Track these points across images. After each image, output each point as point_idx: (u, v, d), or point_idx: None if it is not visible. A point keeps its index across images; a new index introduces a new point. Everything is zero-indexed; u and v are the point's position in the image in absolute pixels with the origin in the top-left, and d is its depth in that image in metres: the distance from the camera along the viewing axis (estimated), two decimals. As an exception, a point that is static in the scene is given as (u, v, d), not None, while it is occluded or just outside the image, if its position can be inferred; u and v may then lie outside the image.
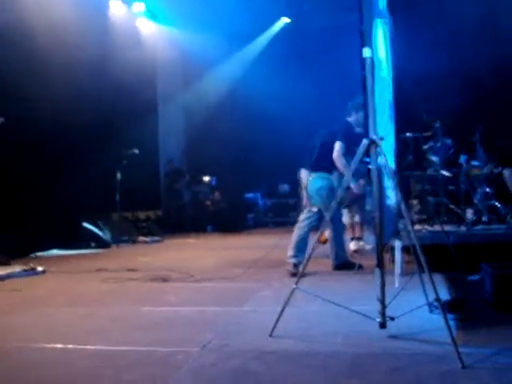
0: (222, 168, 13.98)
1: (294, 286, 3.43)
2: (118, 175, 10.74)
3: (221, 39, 13.20)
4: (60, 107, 8.72)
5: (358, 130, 6.23)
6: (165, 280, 5.72)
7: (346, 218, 7.63)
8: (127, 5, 12.53)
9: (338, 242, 6.12)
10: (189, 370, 2.79)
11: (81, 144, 9.84)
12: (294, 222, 13.25)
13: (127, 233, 10.86)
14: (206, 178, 14.52)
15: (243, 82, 13.64)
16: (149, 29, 13.69)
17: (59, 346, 3.33)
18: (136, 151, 11.11)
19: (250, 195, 14.94)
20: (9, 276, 6.22)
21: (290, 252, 6.02)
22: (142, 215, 12.89)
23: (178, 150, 15.38)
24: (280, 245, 8.63)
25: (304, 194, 6.55)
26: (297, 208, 13.96)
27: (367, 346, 3.11)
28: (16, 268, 6.55)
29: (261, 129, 13.37)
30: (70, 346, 3.31)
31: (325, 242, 6.88)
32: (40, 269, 6.57)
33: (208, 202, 14.10)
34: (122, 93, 10.99)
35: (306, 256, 3.61)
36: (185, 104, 15.27)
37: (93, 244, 9.63)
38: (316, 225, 6.13)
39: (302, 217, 6.25)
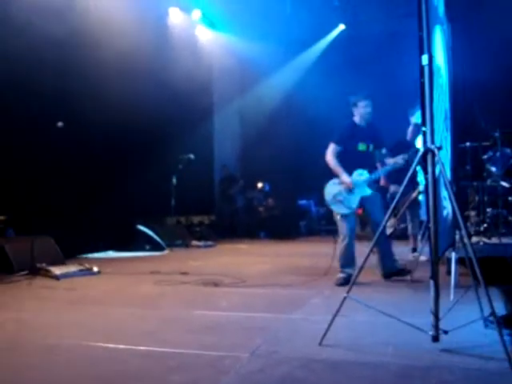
0: (276, 174, 14.01)
1: (346, 295, 3.40)
2: (174, 180, 10.91)
3: (277, 46, 13.27)
4: (118, 113, 8.94)
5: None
6: (217, 284, 5.77)
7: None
8: (186, 12, 12.74)
9: (383, 251, 5.98)
10: (236, 375, 2.81)
11: (138, 148, 10.07)
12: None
13: (181, 237, 11.01)
14: (260, 184, 14.58)
15: (299, 89, 13.65)
16: (206, 36, 13.88)
17: (111, 345, 3.40)
18: (192, 156, 11.26)
19: (303, 202, 14.91)
20: (65, 275, 6.40)
21: (339, 267, 5.95)
22: (195, 220, 13.05)
23: (233, 155, 15.50)
24: (332, 253, 8.56)
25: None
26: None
27: (418, 358, 3.05)
28: (72, 268, 6.73)
29: (316, 136, 13.31)
30: (122, 346, 3.38)
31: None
32: (95, 269, 6.74)
33: (261, 208, 14.15)
34: (179, 99, 11.17)
35: (359, 265, 3.56)
36: (241, 110, 15.40)
37: (147, 247, 9.81)
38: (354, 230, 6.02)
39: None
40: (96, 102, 8.53)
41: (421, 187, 7.97)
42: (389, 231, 7.26)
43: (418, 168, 4.63)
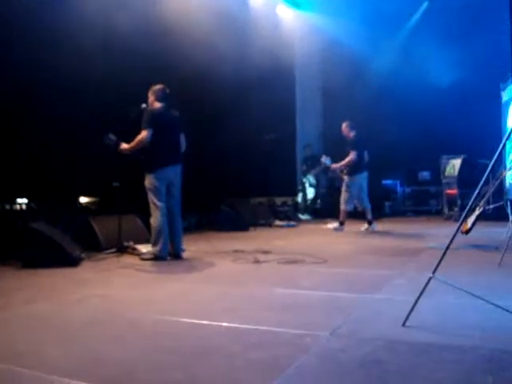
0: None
1: (431, 276, 3.26)
2: (257, 160, 10.95)
3: (359, 24, 12.95)
4: (201, 93, 9.01)
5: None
6: (298, 264, 5.74)
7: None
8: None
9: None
10: (316, 354, 2.76)
11: (221, 130, 10.14)
12: (434, 211, 12.86)
13: (264, 217, 11.07)
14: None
15: (384, 65, 13.30)
16: (288, 15, 13.76)
17: (193, 320, 3.45)
18: (274, 136, 11.26)
19: (388, 182, 14.60)
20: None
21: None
22: (278, 200, 13.08)
23: (316, 135, 15.36)
24: (418, 234, 8.35)
25: None
26: (438, 196, 13.44)
27: (507, 342, 2.88)
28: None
29: (401, 113, 12.97)
30: (204, 321, 3.42)
31: (467, 231, 6.52)
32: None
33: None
34: (261, 78, 11.15)
35: (445, 245, 3.40)
36: (323, 89, 15.22)
37: (231, 226, 9.93)
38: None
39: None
40: (182, 83, 8.63)
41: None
42: (477, 212, 7.00)
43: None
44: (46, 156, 7.33)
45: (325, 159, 10.19)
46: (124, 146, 6.38)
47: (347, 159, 9.74)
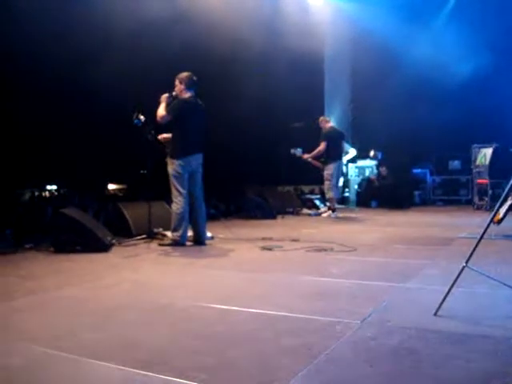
0: (389, 142, 13.63)
1: (464, 265, 3.22)
2: (285, 148, 10.93)
3: (391, 10, 12.77)
4: (229, 81, 8.99)
5: None
6: (327, 252, 5.72)
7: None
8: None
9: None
10: (347, 342, 2.75)
11: (250, 117, 10.12)
12: (464, 201, 12.68)
13: (291, 205, 11.06)
14: (373, 153, 14.27)
15: (414, 54, 13.11)
16: (318, 2, 13.64)
17: (223, 306, 3.46)
18: (301, 124, 11.21)
19: (417, 171, 14.45)
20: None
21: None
22: (306, 189, 13.05)
23: (345, 123, 15.25)
24: (448, 223, 8.25)
25: None
26: (468, 186, 13.26)
27: (544, 334, 2.84)
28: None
29: (431, 102, 12.80)
30: (234, 307, 3.43)
31: (499, 221, 6.43)
32: (209, 234, 6.90)
33: (373, 177, 13.85)
34: (290, 65, 11.09)
35: (476, 235, 3.35)
36: (353, 77, 15.09)
37: (259, 214, 9.95)
38: None
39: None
40: (209, 70, 8.63)
41: None
42: (510, 202, 6.90)
43: None
44: (74, 144, 7.41)
45: (295, 151, 10.83)
46: (162, 103, 6.42)
47: (317, 149, 10.62)
